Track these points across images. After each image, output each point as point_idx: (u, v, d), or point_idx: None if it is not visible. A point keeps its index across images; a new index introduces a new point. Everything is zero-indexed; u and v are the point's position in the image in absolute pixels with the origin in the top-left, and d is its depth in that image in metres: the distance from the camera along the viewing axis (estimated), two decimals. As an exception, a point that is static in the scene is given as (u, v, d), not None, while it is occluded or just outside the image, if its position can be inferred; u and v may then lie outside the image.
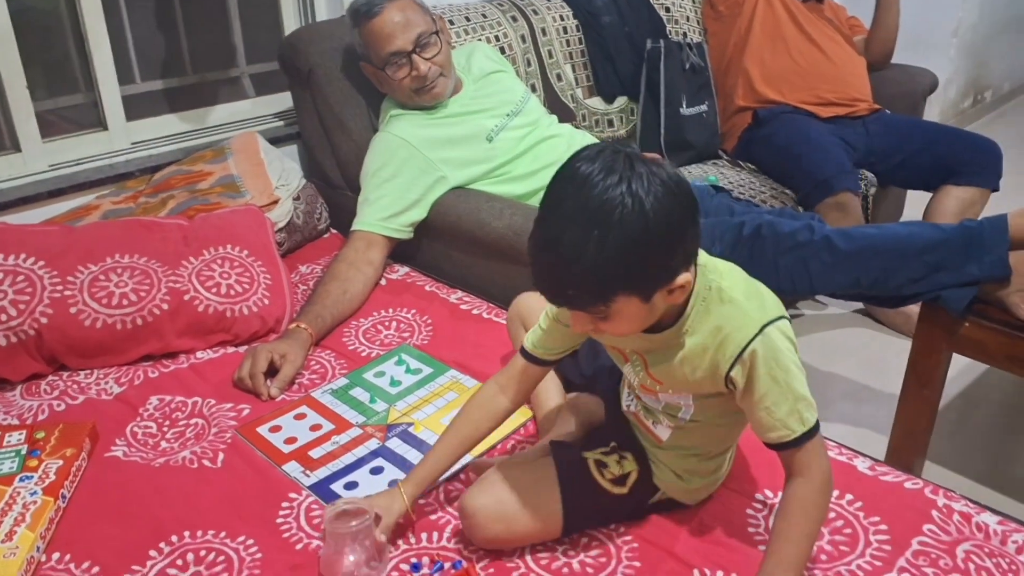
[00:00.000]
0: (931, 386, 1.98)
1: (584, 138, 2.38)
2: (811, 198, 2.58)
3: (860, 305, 2.92)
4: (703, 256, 1.20)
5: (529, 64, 2.71)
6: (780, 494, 1.41)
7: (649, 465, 1.35)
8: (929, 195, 2.77)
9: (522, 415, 1.62)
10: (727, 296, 1.18)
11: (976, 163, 2.67)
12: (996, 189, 2.69)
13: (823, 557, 1.29)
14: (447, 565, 1.29)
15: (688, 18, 3.17)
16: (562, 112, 2.67)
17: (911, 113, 3.05)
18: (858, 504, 1.40)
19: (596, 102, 2.88)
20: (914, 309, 2.06)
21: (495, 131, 2.26)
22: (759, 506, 1.40)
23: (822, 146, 2.68)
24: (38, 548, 1.31)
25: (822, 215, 2.32)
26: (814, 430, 1.18)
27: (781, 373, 1.16)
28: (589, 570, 1.29)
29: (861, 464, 1.49)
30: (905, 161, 2.76)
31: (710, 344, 1.19)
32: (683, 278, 1.11)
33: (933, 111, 4.41)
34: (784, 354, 1.17)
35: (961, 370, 2.52)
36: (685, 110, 2.83)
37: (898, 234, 1.86)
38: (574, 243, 1.04)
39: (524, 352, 1.38)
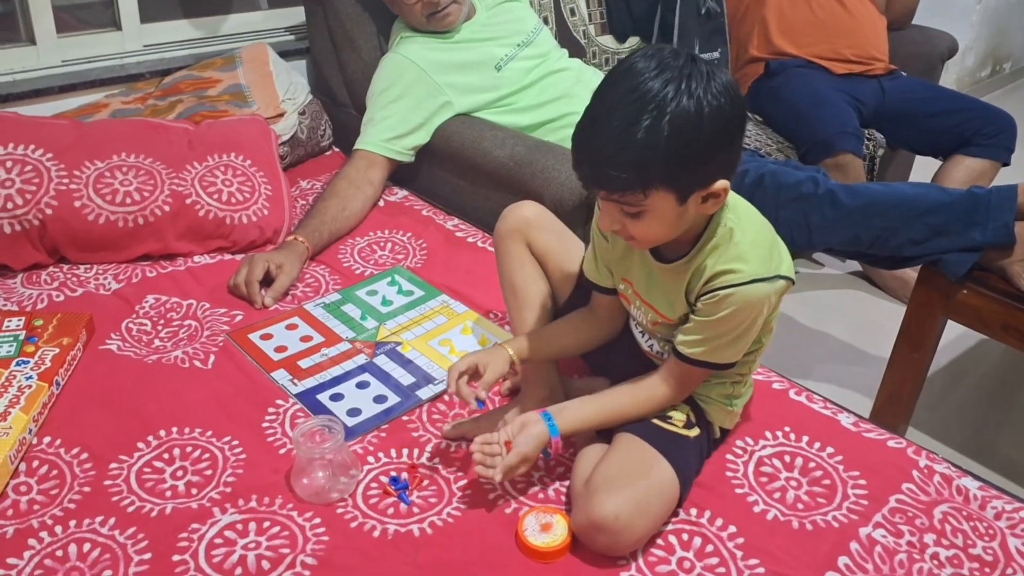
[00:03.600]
0: (922, 350, 1.98)
1: (595, 74, 2.35)
2: (811, 156, 2.56)
3: (857, 266, 2.92)
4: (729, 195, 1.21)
5: (543, -4, 2.67)
6: (760, 442, 1.44)
7: (695, 403, 1.36)
8: (938, 162, 2.75)
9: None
10: (735, 239, 1.19)
11: (990, 135, 2.63)
12: (1007, 163, 2.67)
13: (800, 506, 1.32)
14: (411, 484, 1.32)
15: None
16: (573, 48, 2.63)
17: (927, 76, 3.01)
18: (839, 457, 1.41)
19: (608, 40, 2.83)
20: (911, 274, 2.06)
21: (504, 60, 2.24)
22: (739, 452, 1.42)
23: (828, 104, 2.65)
24: (30, 430, 1.34)
25: (823, 172, 2.31)
26: (715, 366, 1.25)
27: (735, 323, 1.20)
28: (564, 498, 1.31)
29: (845, 419, 1.50)
30: (918, 125, 2.73)
31: (702, 278, 1.21)
32: (720, 184, 1.12)
33: (949, 77, 4.34)
34: (753, 311, 1.20)
35: (952, 340, 2.53)
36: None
37: (903, 194, 1.85)
38: (626, 122, 1.06)
39: (595, 287, 1.40)
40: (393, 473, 1.34)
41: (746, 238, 1.20)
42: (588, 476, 1.24)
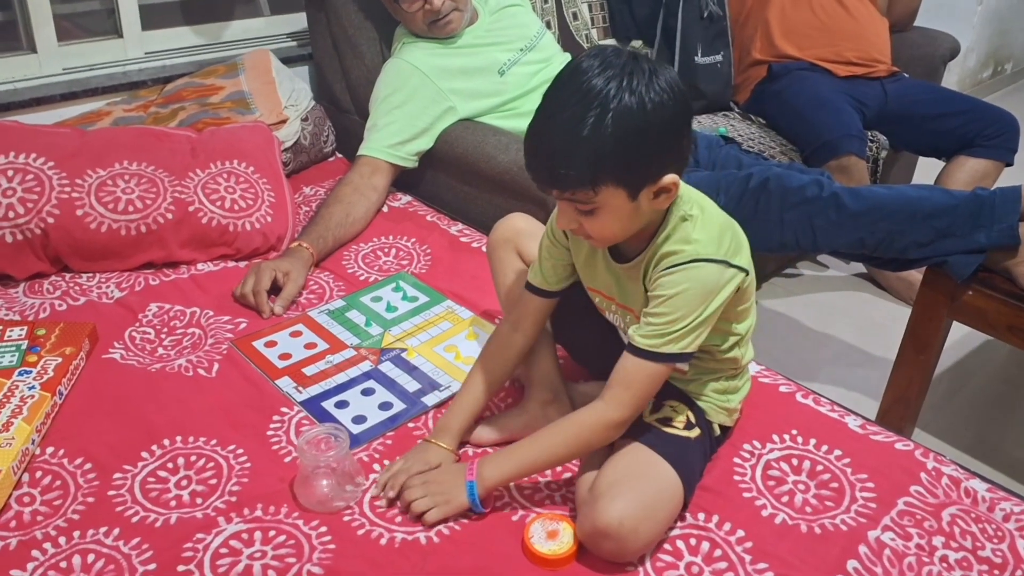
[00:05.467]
0: (928, 352, 1.98)
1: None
2: (815, 158, 2.56)
3: (861, 268, 2.92)
4: (686, 187, 1.22)
5: (546, 0, 2.67)
6: (768, 445, 1.43)
7: (693, 403, 1.36)
8: (941, 163, 2.75)
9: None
10: (684, 224, 1.21)
11: (992, 135, 2.63)
12: (1010, 164, 2.67)
13: (808, 509, 1.31)
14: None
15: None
16: (575, 52, 2.63)
17: (929, 78, 3.01)
18: (846, 460, 1.41)
19: (610, 44, 2.85)
20: (916, 276, 2.06)
21: (507, 65, 2.24)
22: (747, 455, 1.41)
23: (832, 106, 2.64)
24: (33, 441, 1.34)
25: (827, 175, 2.31)
26: (659, 357, 1.20)
27: (681, 305, 1.18)
28: (571, 505, 1.30)
29: (852, 422, 1.50)
30: (921, 126, 2.73)
31: (653, 264, 1.22)
32: (670, 179, 1.14)
33: (951, 79, 4.34)
34: (699, 293, 1.18)
35: (957, 340, 2.52)
36: (699, 59, 2.79)
37: (908, 196, 1.85)
38: (572, 121, 1.09)
39: (529, 287, 1.39)
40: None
41: (696, 224, 1.21)
42: (592, 482, 1.23)
